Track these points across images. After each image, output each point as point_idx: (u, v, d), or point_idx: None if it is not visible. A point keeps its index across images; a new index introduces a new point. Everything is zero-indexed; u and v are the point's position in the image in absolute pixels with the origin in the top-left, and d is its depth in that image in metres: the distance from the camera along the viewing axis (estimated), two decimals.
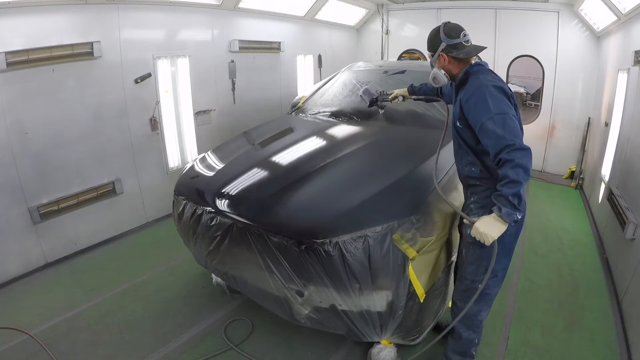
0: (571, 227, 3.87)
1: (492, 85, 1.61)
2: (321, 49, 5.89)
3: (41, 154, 2.89)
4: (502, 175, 1.47)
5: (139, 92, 3.47)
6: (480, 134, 1.60)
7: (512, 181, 1.43)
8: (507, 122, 1.52)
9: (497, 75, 1.74)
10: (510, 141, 1.46)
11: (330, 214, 1.85)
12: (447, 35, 1.74)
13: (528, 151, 1.46)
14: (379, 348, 2.04)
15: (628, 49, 3.36)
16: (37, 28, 2.73)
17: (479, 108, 1.59)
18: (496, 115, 1.53)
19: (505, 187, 1.45)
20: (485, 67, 1.76)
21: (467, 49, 1.75)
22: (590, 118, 5.00)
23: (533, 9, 5.13)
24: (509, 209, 1.46)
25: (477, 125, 1.60)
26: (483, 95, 1.59)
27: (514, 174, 1.43)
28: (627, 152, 3.05)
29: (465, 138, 1.78)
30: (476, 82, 1.66)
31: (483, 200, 1.78)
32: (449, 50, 1.75)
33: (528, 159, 1.45)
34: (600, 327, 2.44)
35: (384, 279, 1.71)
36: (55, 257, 3.11)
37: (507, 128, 1.50)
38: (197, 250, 2.27)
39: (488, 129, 1.54)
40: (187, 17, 3.80)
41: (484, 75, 1.69)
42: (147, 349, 2.23)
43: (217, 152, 2.73)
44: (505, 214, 1.46)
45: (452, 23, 1.78)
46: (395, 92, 2.53)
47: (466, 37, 1.75)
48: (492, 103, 1.56)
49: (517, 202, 1.46)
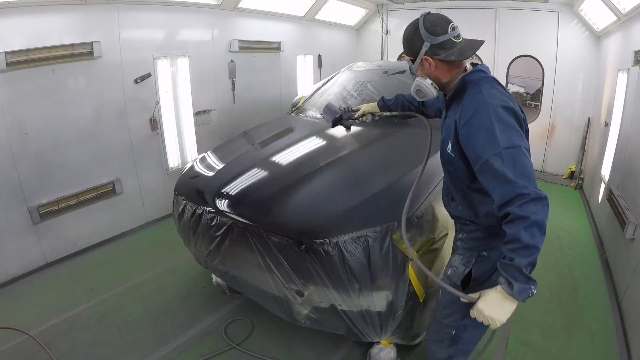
0: (571, 227, 3.87)
1: (501, 106, 1.21)
2: (321, 49, 5.88)
3: (41, 154, 2.89)
4: (513, 237, 1.10)
5: (139, 92, 3.47)
6: (481, 173, 1.21)
7: (527, 246, 1.08)
8: (520, 159, 1.14)
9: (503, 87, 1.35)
10: (524, 189, 1.09)
11: (330, 214, 1.85)
12: (430, 32, 1.30)
13: (545, 201, 1.10)
14: (379, 348, 2.04)
15: (628, 49, 3.36)
16: (37, 28, 2.73)
17: (481, 138, 1.19)
18: (505, 150, 1.14)
19: (519, 255, 1.09)
20: (488, 75, 1.35)
21: (459, 46, 1.32)
22: (590, 118, 5.00)
23: (533, 9, 5.13)
24: (523, 282, 1.09)
25: (477, 162, 1.20)
26: (488, 121, 1.19)
27: (529, 237, 1.07)
28: (627, 152, 3.05)
29: (455, 169, 1.39)
30: (478, 99, 1.25)
31: (471, 242, 1.45)
32: (435, 52, 1.32)
33: (545, 212, 1.10)
34: (600, 327, 2.44)
35: (384, 279, 1.71)
36: (55, 257, 3.11)
37: (518, 168, 1.12)
38: (197, 250, 2.27)
39: (493, 169, 1.15)
40: (187, 17, 3.80)
41: (488, 89, 1.28)
42: (147, 349, 2.23)
43: (217, 152, 2.73)
44: (519, 291, 1.09)
45: (434, 14, 1.35)
46: (362, 109, 2.07)
47: (455, 30, 1.32)
48: (501, 132, 1.16)
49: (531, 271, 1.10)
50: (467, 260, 1.44)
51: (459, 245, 1.51)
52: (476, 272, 1.42)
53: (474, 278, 1.41)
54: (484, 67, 1.39)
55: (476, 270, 1.42)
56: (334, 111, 2.15)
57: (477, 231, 1.43)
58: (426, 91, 1.39)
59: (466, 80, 1.34)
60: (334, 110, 2.15)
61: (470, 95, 1.29)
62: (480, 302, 1.17)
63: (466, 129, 1.24)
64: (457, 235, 1.56)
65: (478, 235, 1.42)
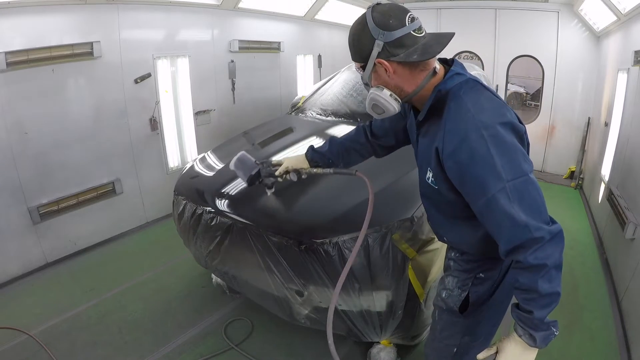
0: (571, 227, 3.87)
1: (499, 123, 0.94)
2: (321, 49, 5.88)
3: (41, 154, 2.89)
4: (528, 287, 0.96)
5: (139, 92, 3.47)
6: (481, 214, 0.99)
7: (547, 296, 0.94)
8: (529, 192, 0.93)
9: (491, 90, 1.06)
10: (537, 231, 0.91)
11: (330, 214, 1.85)
12: (382, 26, 0.98)
13: (560, 236, 0.95)
14: (379, 348, 2.04)
15: (628, 49, 3.36)
16: (37, 28, 2.73)
17: (477, 171, 0.94)
18: (510, 184, 0.91)
19: (538, 307, 0.95)
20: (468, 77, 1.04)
21: (422, 42, 1.00)
22: (590, 118, 5.00)
23: (533, 9, 5.13)
24: (545, 330, 0.97)
25: (476, 202, 0.98)
26: (483, 148, 0.92)
27: (547, 285, 0.93)
28: (627, 152, 3.05)
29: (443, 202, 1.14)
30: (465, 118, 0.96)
31: (466, 264, 1.27)
32: (391, 52, 0.99)
33: (561, 248, 0.95)
34: (600, 327, 2.44)
35: (384, 279, 1.71)
36: (55, 257, 3.11)
37: (528, 204, 0.92)
38: (197, 250, 2.27)
39: (497, 209, 0.93)
40: (187, 17, 3.80)
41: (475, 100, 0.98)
42: (147, 349, 2.23)
43: (217, 152, 2.73)
44: (542, 341, 0.97)
45: (385, 3, 1.01)
46: (285, 164, 1.53)
47: (415, 22, 1.01)
48: (502, 161, 0.92)
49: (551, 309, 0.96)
50: (462, 284, 1.27)
51: (452, 265, 1.32)
52: (474, 296, 1.26)
53: (472, 302, 1.27)
54: (457, 65, 1.07)
55: (473, 294, 1.26)
56: (250, 166, 1.62)
57: (470, 254, 1.25)
58: (385, 105, 1.06)
59: (441, 92, 1.03)
60: (249, 166, 1.62)
61: (453, 113, 0.99)
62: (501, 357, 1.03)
63: (454, 161, 0.97)
64: (449, 253, 1.35)
65: (473, 257, 1.25)
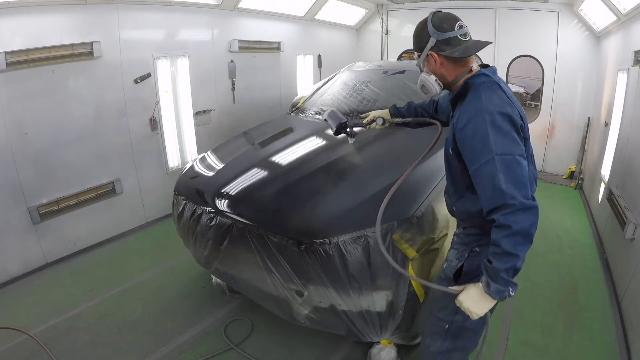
0: (571, 227, 3.87)
1: (499, 112, 1.22)
2: (321, 49, 5.88)
3: (41, 154, 2.89)
4: (495, 242, 1.16)
5: (139, 92, 3.47)
6: (474, 177, 1.25)
7: (506, 253, 1.13)
8: (512, 167, 1.16)
9: (507, 90, 1.34)
10: (511, 199, 1.12)
11: (329, 214, 1.85)
12: (437, 28, 1.33)
13: (534, 211, 1.14)
14: (379, 348, 2.04)
15: (628, 49, 3.36)
16: (37, 28, 2.73)
17: (476, 143, 1.22)
18: (498, 157, 1.16)
19: (497, 260, 1.15)
20: (492, 79, 1.34)
21: (464, 45, 1.34)
22: (590, 118, 5.00)
23: (533, 9, 5.13)
24: (500, 285, 1.16)
25: (471, 167, 1.25)
26: (483, 127, 1.20)
27: (510, 245, 1.12)
28: (627, 152, 3.05)
29: (454, 169, 1.43)
30: (476, 104, 1.26)
31: (466, 237, 1.49)
32: (441, 48, 1.34)
33: (532, 221, 1.13)
34: (600, 327, 2.44)
35: (384, 279, 1.71)
36: (55, 257, 3.11)
37: (510, 177, 1.15)
38: (196, 251, 2.27)
39: (485, 175, 1.19)
40: (187, 17, 3.80)
41: (488, 93, 1.27)
42: (147, 349, 2.23)
43: (216, 152, 2.73)
44: (495, 292, 1.17)
45: (443, 12, 1.38)
46: (371, 115, 1.94)
47: (463, 29, 1.35)
48: (495, 139, 1.18)
49: (513, 275, 1.16)
50: (460, 255, 1.48)
51: (455, 240, 1.56)
52: (467, 266, 1.45)
53: (464, 272, 1.45)
54: (490, 70, 1.38)
55: (467, 265, 1.45)
56: (339, 117, 2.00)
57: (472, 227, 1.46)
58: (430, 87, 1.41)
59: (469, 84, 1.34)
60: (338, 117, 2.01)
61: (470, 100, 1.30)
62: (462, 295, 1.26)
63: (462, 133, 1.27)
64: (456, 230, 1.61)
65: (473, 231, 1.46)
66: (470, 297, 1.24)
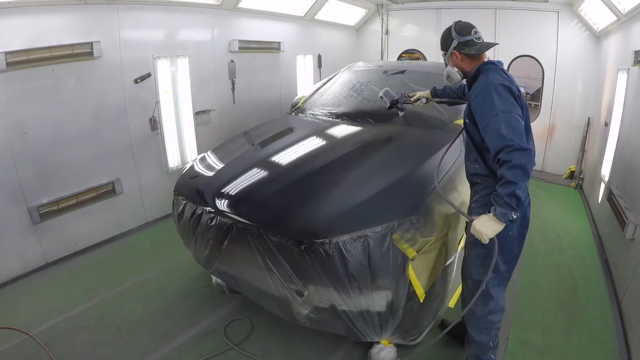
0: (571, 227, 3.87)
1: (500, 84, 1.63)
2: (321, 49, 5.88)
3: (41, 154, 2.89)
4: (500, 175, 1.50)
5: (139, 92, 3.47)
6: (483, 132, 1.63)
7: (508, 182, 1.47)
8: (511, 120, 1.53)
9: (508, 74, 1.76)
10: (510, 141, 1.48)
11: (330, 213, 1.85)
12: (459, 33, 1.80)
13: (528, 152, 1.48)
14: (379, 348, 2.04)
15: (628, 49, 3.36)
16: (37, 28, 2.73)
17: (485, 106, 1.62)
18: (501, 113, 1.55)
19: (502, 187, 1.49)
20: (497, 66, 1.77)
21: (478, 45, 1.80)
22: (590, 118, 5.00)
23: (533, 9, 5.13)
24: (505, 208, 1.50)
25: (482, 123, 1.63)
26: (489, 93, 1.61)
27: (510, 174, 1.46)
28: (627, 152, 3.05)
29: (472, 135, 1.81)
30: (484, 80, 1.69)
31: (483, 199, 1.81)
32: (461, 48, 1.80)
33: (527, 159, 1.47)
34: (600, 327, 2.44)
35: (384, 279, 1.71)
36: (55, 257, 3.11)
37: (509, 127, 1.51)
38: (196, 251, 2.27)
39: (491, 126, 1.57)
40: (187, 17, 3.80)
41: (493, 74, 1.70)
42: (147, 349, 2.23)
43: (216, 152, 2.73)
44: (500, 214, 1.51)
45: (463, 22, 1.84)
46: (417, 94, 2.53)
47: (477, 34, 1.80)
48: (498, 101, 1.58)
49: (516, 203, 1.48)
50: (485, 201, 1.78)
51: (474, 206, 1.86)
52: None
53: None
54: (497, 62, 1.81)
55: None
56: (392, 95, 2.59)
57: (487, 188, 1.77)
58: (453, 77, 1.88)
59: (480, 69, 1.78)
60: (391, 95, 2.59)
61: (480, 80, 1.73)
62: (475, 221, 1.62)
63: (475, 101, 1.69)
64: (472, 198, 1.90)
65: (488, 192, 1.73)
66: (481, 221, 1.58)
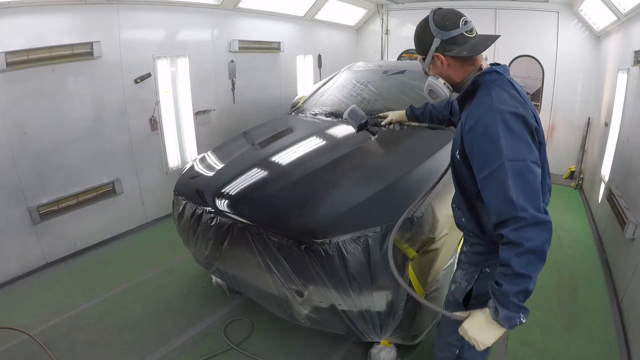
0: (571, 227, 3.87)
1: (510, 112, 1.09)
2: (321, 49, 5.88)
3: (41, 154, 2.89)
4: (504, 261, 1.03)
5: (139, 92, 3.47)
6: (482, 185, 1.11)
7: (517, 274, 1.00)
8: (524, 174, 1.03)
9: (519, 89, 1.22)
10: (522, 211, 1.00)
11: (330, 213, 1.85)
12: (440, 27, 1.22)
13: (545, 226, 1.01)
14: (379, 348, 2.04)
15: (628, 49, 3.36)
16: (37, 28, 2.73)
17: (485, 146, 1.09)
18: (510, 163, 1.04)
19: (508, 282, 1.02)
20: (503, 77, 1.22)
21: (471, 42, 1.22)
22: (590, 118, 4.99)
23: (533, 9, 5.13)
24: (510, 310, 1.03)
25: (479, 174, 1.12)
26: (494, 128, 1.07)
27: (521, 265, 1.00)
28: (627, 152, 3.05)
29: (460, 175, 1.30)
30: (486, 103, 1.14)
31: (475, 256, 1.37)
32: (447, 48, 1.23)
33: (544, 238, 1.00)
34: (600, 327, 2.44)
35: (384, 279, 1.71)
36: (55, 257, 3.11)
37: (521, 186, 1.02)
38: (197, 251, 2.27)
39: (494, 183, 1.06)
40: (187, 17, 3.80)
41: (498, 91, 1.15)
42: (147, 349, 2.23)
43: (216, 152, 2.73)
44: (504, 318, 1.04)
45: (445, 8, 1.27)
46: (390, 117, 2.00)
47: (468, 25, 1.24)
48: (506, 141, 1.05)
49: (523, 299, 1.03)
50: (469, 277, 1.37)
51: (463, 259, 1.44)
52: (477, 289, 1.34)
53: (474, 295, 1.35)
54: (502, 67, 1.26)
55: (477, 288, 1.34)
56: (360, 116, 2.04)
57: (481, 245, 1.35)
58: (438, 92, 1.30)
59: (478, 81, 1.22)
60: (359, 115, 2.04)
61: (479, 98, 1.18)
62: (467, 322, 1.13)
63: (470, 135, 1.14)
64: (463, 247, 1.49)
65: (481, 249, 1.34)
66: (477, 325, 1.10)
